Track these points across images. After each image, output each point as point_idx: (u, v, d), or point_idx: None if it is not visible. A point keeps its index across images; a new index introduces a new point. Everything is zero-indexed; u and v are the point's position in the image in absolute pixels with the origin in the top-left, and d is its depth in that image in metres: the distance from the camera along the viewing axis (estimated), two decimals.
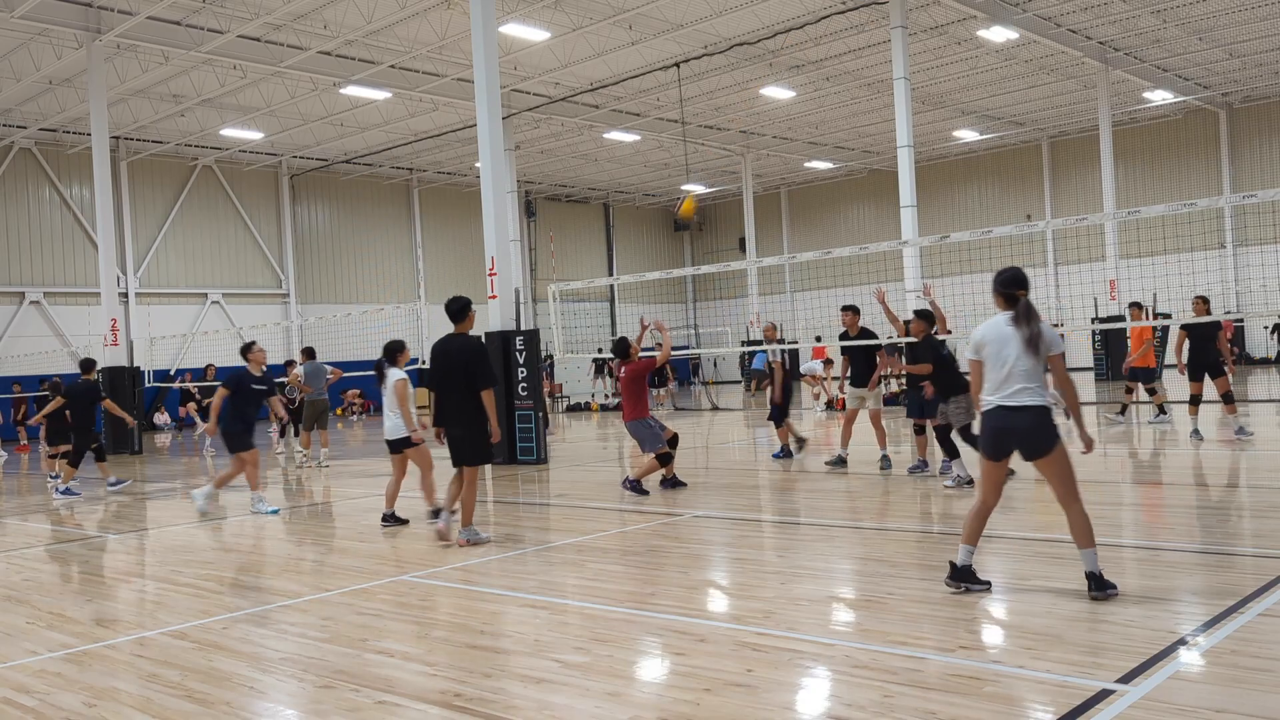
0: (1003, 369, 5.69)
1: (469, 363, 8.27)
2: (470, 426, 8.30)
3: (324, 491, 13.17)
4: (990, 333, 5.80)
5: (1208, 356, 13.00)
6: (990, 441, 5.82)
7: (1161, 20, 24.81)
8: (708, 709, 4.25)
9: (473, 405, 8.28)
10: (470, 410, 8.29)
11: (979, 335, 5.85)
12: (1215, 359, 13.00)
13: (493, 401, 8.33)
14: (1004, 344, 5.70)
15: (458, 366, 8.30)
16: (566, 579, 7.09)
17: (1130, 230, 30.16)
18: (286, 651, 5.50)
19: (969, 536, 5.90)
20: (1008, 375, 5.67)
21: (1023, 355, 5.64)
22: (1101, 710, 3.98)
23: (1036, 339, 5.64)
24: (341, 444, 21.35)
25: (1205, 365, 13.02)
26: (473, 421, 8.30)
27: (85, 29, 20.83)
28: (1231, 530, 7.75)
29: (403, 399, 9.37)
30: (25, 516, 12.18)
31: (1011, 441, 5.72)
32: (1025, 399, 5.64)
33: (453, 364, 8.34)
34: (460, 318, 8.53)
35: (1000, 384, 5.71)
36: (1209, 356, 13.00)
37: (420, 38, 22.82)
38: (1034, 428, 5.64)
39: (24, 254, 29.43)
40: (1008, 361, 5.67)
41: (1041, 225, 13.06)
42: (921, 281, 13.30)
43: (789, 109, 31.24)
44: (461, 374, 8.27)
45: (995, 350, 5.73)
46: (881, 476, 11.30)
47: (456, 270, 37.92)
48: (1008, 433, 5.70)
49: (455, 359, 8.34)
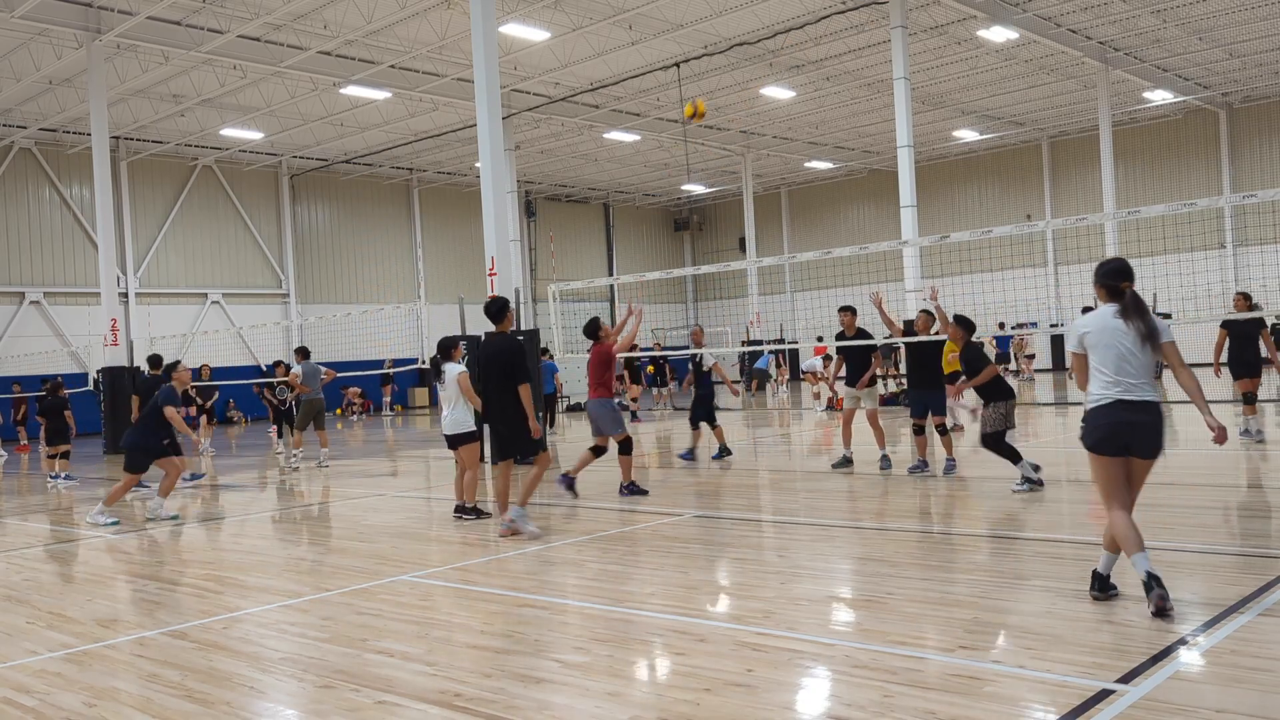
0: (1115, 363, 5.43)
1: (508, 361, 8.58)
2: (511, 423, 8.62)
3: (324, 491, 13.16)
4: (1095, 325, 5.52)
5: (1248, 353, 12.78)
6: (1105, 438, 5.47)
7: (1161, 20, 24.81)
8: (708, 709, 4.25)
9: (513, 403, 8.58)
10: (510, 407, 8.59)
11: (1082, 327, 5.60)
12: (1256, 356, 12.71)
13: (529, 398, 8.62)
14: (1112, 337, 5.45)
15: (497, 365, 8.60)
16: (566, 579, 7.09)
17: (1130, 230, 30.15)
18: (286, 651, 5.50)
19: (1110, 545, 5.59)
20: (1121, 370, 5.42)
21: (1137, 349, 5.40)
22: (1101, 710, 3.98)
23: (1153, 333, 5.40)
24: (342, 444, 21.35)
25: (1246, 362, 12.78)
26: (513, 418, 8.60)
27: (85, 29, 20.83)
28: (1232, 530, 7.75)
29: (468, 391, 9.62)
30: (25, 516, 12.18)
31: (1131, 438, 5.42)
32: (1145, 394, 5.39)
33: (493, 363, 8.63)
34: (500, 318, 8.84)
35: (1114, 379, 5.44)
36: (1250, 353, 12.77)
37: (420, 38, 22.82)
38: (1155, 425, 5.40)
39: (24, 254, 29.44)
40: (1121, 356, 5.41)
41: (1041, 225, 13.04)
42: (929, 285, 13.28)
43: (789, 109, 31.24)
44: (501, 372, 8.58)
45: (1102, 343, 5.47)
46: (881, 476, 11.30)
47: (456, 270, 37.93)
48: (1127, 428, 5.41)
49: (495, 358, 8.64)
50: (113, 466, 18.97)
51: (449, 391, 9.69)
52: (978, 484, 10.42)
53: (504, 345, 8.72)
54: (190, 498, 12.98)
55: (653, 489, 11.02)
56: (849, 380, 12.14)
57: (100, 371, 23.06)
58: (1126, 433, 5.42)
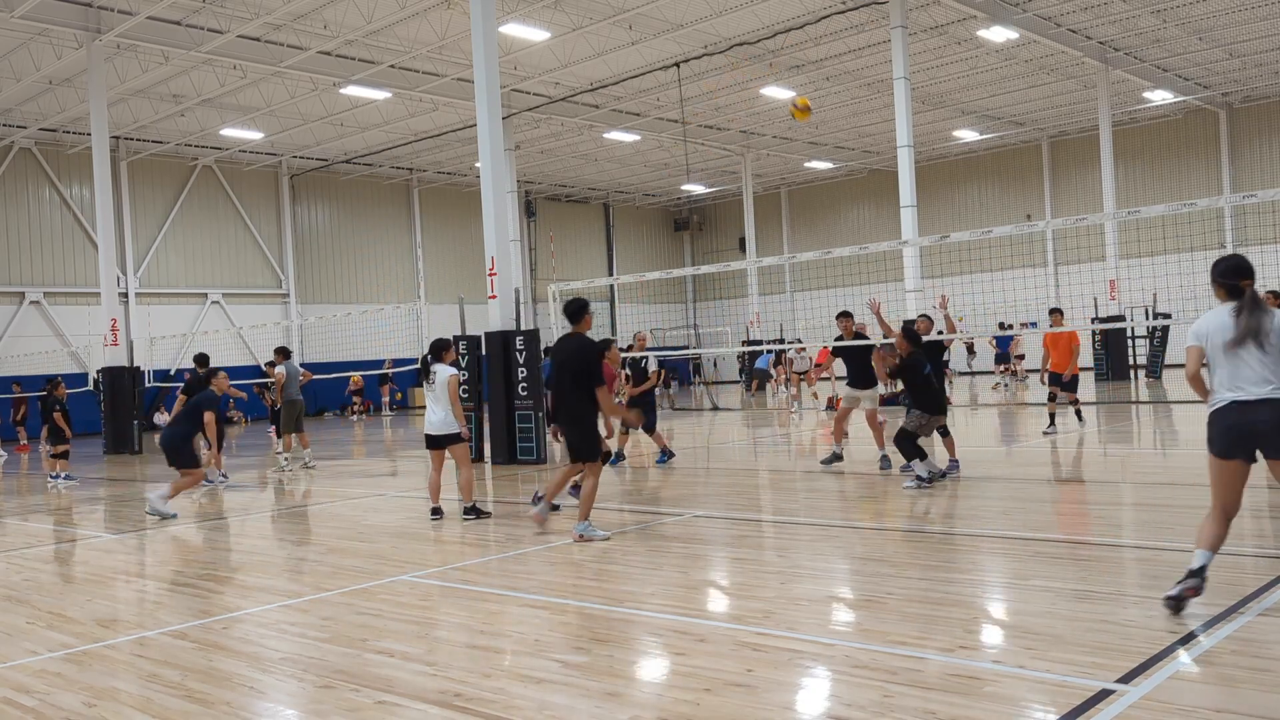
0: (1232, 362, 5.31)
1: (583, 362, 8.43)
2: (580, 424, 8.49)
3: (324, 492, 13.16)
4: (1213, 323, 5.39)
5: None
6: (1222, 440, 5.37)
7: (1161, 20, 24.81)
8: (708, 709, 4.25)
9: (584, 403, 8.45)
10: (581, 408, 8.46)
11: (1201, 326, 5.48)
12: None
13: (607, 399, 8.65)
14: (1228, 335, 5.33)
15: (570, 366, 8.46)
16: (566, 579, 7.09)
17: (1130, 230, 30.16)
18: (286, 651, 5.50)
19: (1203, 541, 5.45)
20: (1239, 368, 5.29)
21: (1255, 347, 5.25)
22: (1101, 710, 3.98)
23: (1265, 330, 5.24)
24: (342, 444, 21.34)
25: None
26: (582, 419, 8.48)
27: (85, 29, 20.84)
28: (1231, 530, 7.74)
29: (454, 396, 9.68)
30: (25, 516, 12.18)
31: (1251, 439, 5.30)
32: (1265, 392, 5.24)
33: (566, 364, 8.50)
34: (577, 319, 8.67)
35: (1230, 378, 5.33)
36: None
37: (420, 38, 22.82)
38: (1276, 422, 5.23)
39: (24, 254, 29.44)
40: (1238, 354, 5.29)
41: (1041, 225, 13.05)
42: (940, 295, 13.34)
43: (789, 109, 31.21)
44: (573, 374, 8.43)
45: (1219, 342, 5.35)
46: (881, 476, 11.30)
47: (456, 270, 37.93)
48: (1245, 429, 5.29)
49: (570, 359, 8.50)
50: (113, 466, 18.98)
51: (438, 392, 9.75)
52: (978, 484, 10.42)
53: (579, 346, 8.52)
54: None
55: (653, 489, 11.01)
56: (851, 381, 12.18)
57: (100, 371, 23.06)
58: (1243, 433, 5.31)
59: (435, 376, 9.77)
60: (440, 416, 9.75)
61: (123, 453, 21.39)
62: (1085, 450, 13.48)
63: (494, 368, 15.26)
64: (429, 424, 9.84)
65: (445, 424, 9.76)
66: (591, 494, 8.45)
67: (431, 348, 10.03)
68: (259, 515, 11.47)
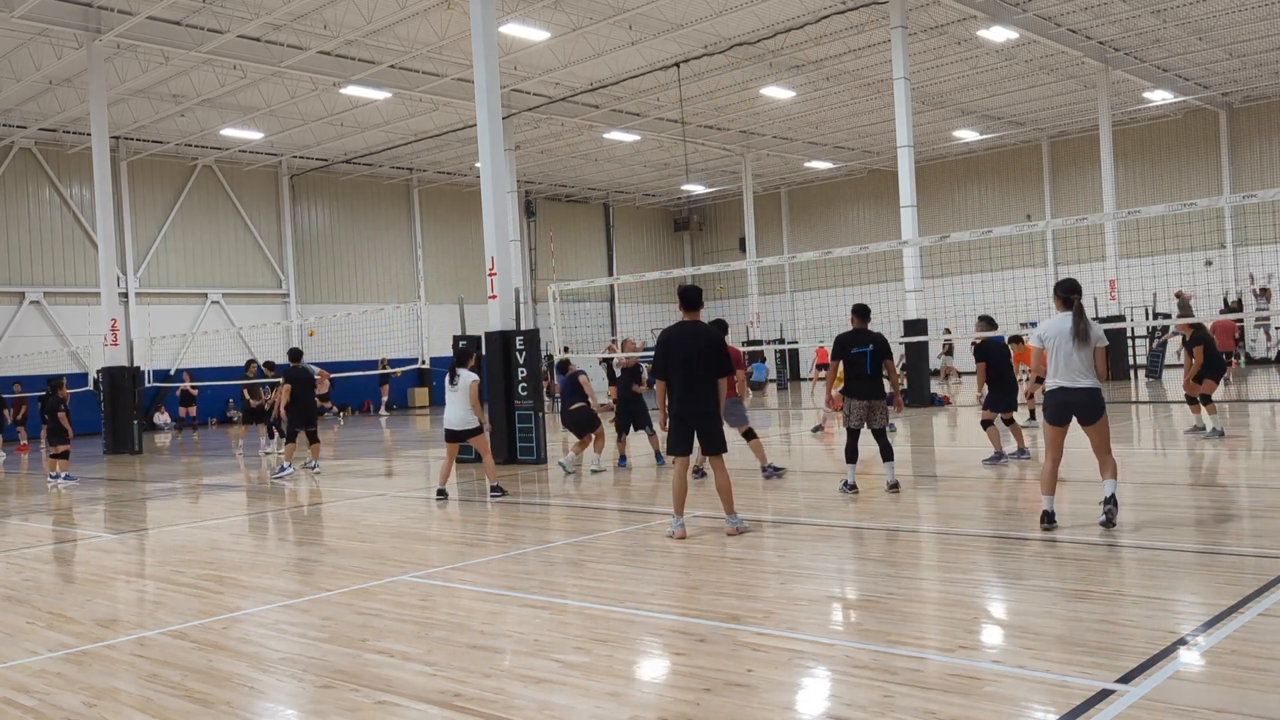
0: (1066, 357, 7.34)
1: (714, 351, 8.15)
2: (713, 416, 8.21)
3: (326, 492, 13.16)
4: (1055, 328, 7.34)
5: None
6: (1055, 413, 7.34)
7: (1161, 20, 24.81)
8: (708, 709, 4.25)
9: (714, 394, 8.19)
10: (713, 399, 8.19)
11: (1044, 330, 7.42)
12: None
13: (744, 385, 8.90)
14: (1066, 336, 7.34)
15: (700, 355, 8.10)
16: (566, 579, 7.09)
17: (1130, 230, 30.16)
18: (286, 651, 5.50)
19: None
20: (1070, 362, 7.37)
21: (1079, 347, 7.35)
22: (1101, 710, 3.98)
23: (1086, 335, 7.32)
24: (342, 444, 21.34)
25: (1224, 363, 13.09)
26: (714, 410, 8.22)
27: (85, 29, 20.83)
28: (1231, 530, 7.75)
29: (474, 399, 11.07)
30: (25, 516, 12.18)
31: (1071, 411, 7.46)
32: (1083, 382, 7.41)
33: (696, 351, 8.11)
34: (697, 306, 8.35)
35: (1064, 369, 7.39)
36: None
37: (420, 38, 22.82)
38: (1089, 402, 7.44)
39: (24, 254, 29.43)
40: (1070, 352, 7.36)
41: (1041, 225, 13.07)
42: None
43: (789, 109, 31.24)
44: (705, 363, 8.10)
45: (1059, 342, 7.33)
46: (879, 480, 11.29)
47: (456, 270, 37.93)
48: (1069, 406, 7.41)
49: (702, 349, 8.12)
50: (113, 466, 18.97)
51: (460, 395, 11.05)
52: (978, 484, 10.42)
53: (708, 335, 8.23)
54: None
55: (652, 490, 11.01)
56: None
57: (100, 371, 23.06)
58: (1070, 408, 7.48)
59: (459, 380, 11.08)
60: (460, 414, 11.10)
61: (123, 453, 21.39)
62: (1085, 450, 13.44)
63: (494, 368, 15.25)
64: (449, 420, 11.20)
65: (465, 421, 11.11)
66: (729, 484, 8.30)
67: (458, 353, 11.34)
68: (258, 515, 11.47)
